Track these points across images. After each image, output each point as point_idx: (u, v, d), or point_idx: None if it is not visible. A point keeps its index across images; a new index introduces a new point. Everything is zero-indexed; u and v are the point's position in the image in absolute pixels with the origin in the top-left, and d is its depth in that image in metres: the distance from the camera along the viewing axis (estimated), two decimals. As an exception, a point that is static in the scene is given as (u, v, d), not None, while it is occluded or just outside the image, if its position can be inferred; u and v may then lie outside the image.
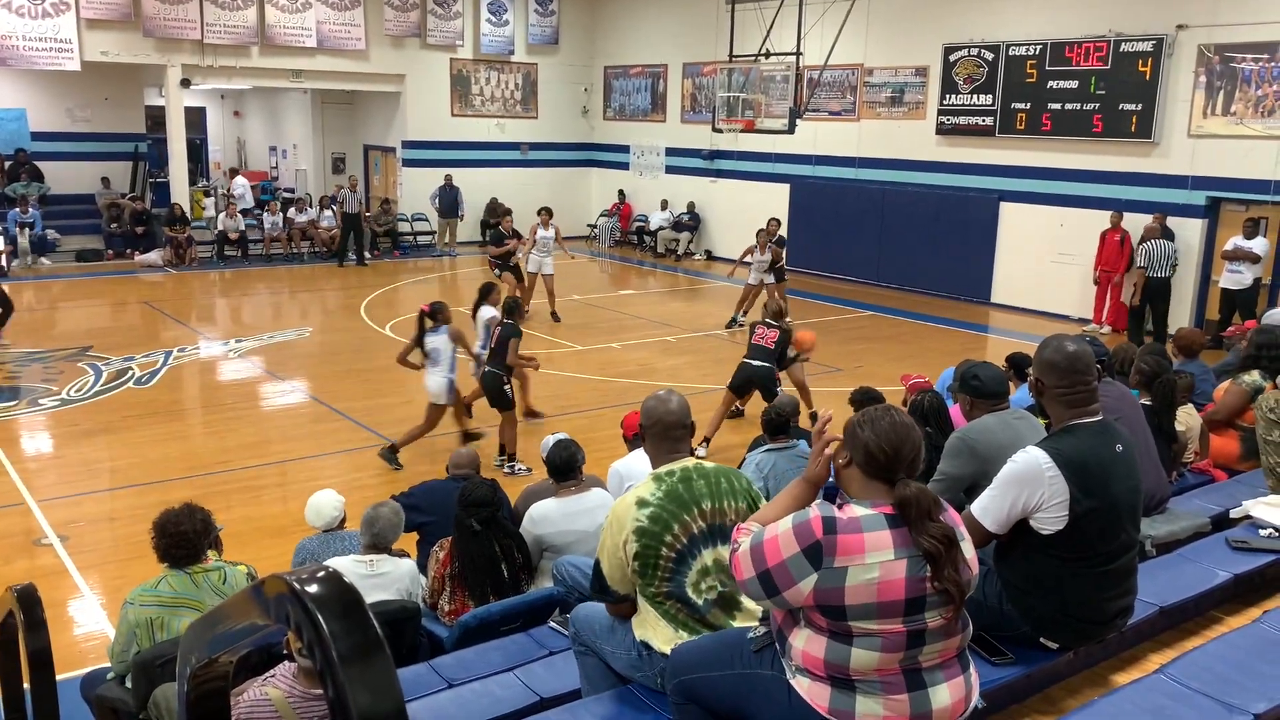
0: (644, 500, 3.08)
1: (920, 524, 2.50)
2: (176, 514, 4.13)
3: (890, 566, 2.47)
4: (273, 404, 10.92)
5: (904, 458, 2.57)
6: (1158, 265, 13.66)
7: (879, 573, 2.47)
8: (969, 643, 2.69)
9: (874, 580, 2.46)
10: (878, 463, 2.57)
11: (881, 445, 2.56)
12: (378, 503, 4.91)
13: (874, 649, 2.50)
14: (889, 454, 2.56)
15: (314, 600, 1.37)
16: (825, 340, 14.02)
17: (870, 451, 2.57)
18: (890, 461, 2.56)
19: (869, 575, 2.46)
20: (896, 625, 2.48)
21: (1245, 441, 5.97)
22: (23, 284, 17.09)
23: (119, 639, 4.11)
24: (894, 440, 2.56)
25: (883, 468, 2.57)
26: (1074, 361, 3.24)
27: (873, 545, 2.48)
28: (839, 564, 2.47)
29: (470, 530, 4.76)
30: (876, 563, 2.47)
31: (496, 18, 22.45)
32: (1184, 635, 3.76)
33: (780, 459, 5.54)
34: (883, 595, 2.46)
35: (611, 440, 7.93)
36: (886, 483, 2.58)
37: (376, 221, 21.42)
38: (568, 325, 14.51)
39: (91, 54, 18.30)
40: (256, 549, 6.59)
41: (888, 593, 2.46)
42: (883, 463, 2.57)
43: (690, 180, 22.12)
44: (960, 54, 16.67)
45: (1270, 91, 13.30)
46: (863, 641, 2.50)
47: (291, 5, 19.81)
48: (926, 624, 2.51)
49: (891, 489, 2.57)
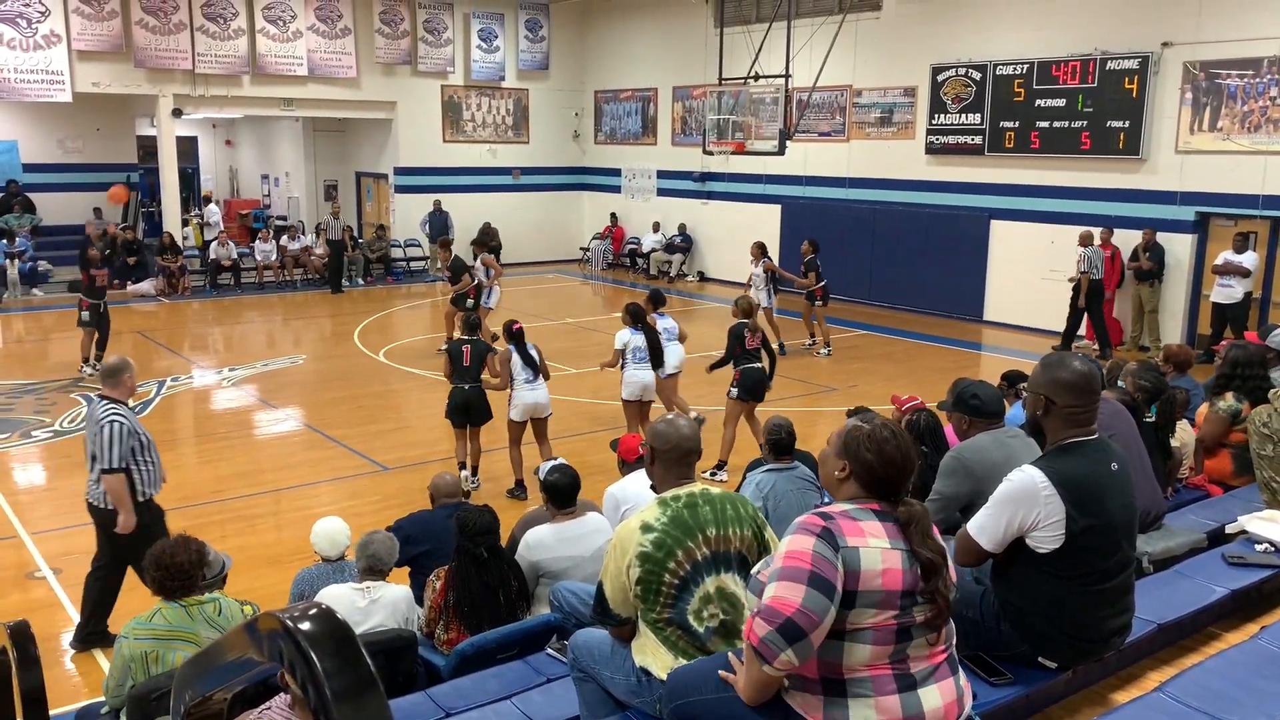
0: (648, 525, 3.05)
1: (921, 540, 2.58)
2: (171, 546, 4.11)
3: (889, 554, 2.55)
4: (266, 432, 10.89)
5: (905, 477, 2.66)
6: (1095, 268, 14.09)
7: (882, 559, 2.54)
8: (964, 659, 2.71)
9: (879, 567, 2.53)
10: (880, 481, 2.65)
11: (887, 468, 2.63)
12: (371, 530, 4.89)
13: (865, 643, 2.54)
14: (893, 476, 2.64)
15: (307, 638, 1.36)
16: (819, 360, 14.06)
17: (874, 469, 2.64)
18: (893, 482, 2.64)
19: (875, 559, 2.53)
20: (889, 618, 2.53)
21: (1237, 457, 5.97)
22: (13, 315, 17.07)
23: (114, 673, 4.08)
24: (898, 462, 2.64)
25: (873, 485, 2.65)
26: (1090, 382, 3.27)
27: (870, 531, 2.57)
28: (851, 543, 2.54)
29: (476, 558, 4.73)
30: (878, 548, 2.55)
31: (487, 44, 22.57)
32: (1182, 652, 3.76)
33: (781, 480, 5.49)
34: (887, 583, 2.52)
35: (605, 464, 7.92)
36: (884, 500, 2.65)
37: (370, 248, 21.47)
38: (561, 349, 14.48)
39: (83, 85, 18.36)
40: (251, 578, 6.56)
41: (890, 581, 2.53)
42: (884, 483, 2.65)
43: (682, 202, 22.20)
44: (948, 74, 16.79)
45: (1256, 107, 13.40)
46: (854, 636, 2.54)
47: (282, 35, 19.91)
48: (915, 618, 2.56)
49: (885, 502, 2.64)
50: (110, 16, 18.23)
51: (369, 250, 21.39)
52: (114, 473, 5.83)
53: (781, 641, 2.48)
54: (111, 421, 5.84)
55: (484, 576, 4.73)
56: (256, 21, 19.61)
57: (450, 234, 21.07)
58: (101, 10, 18.15)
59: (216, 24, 19.22)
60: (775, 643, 2.48)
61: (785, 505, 5.25)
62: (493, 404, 8.83)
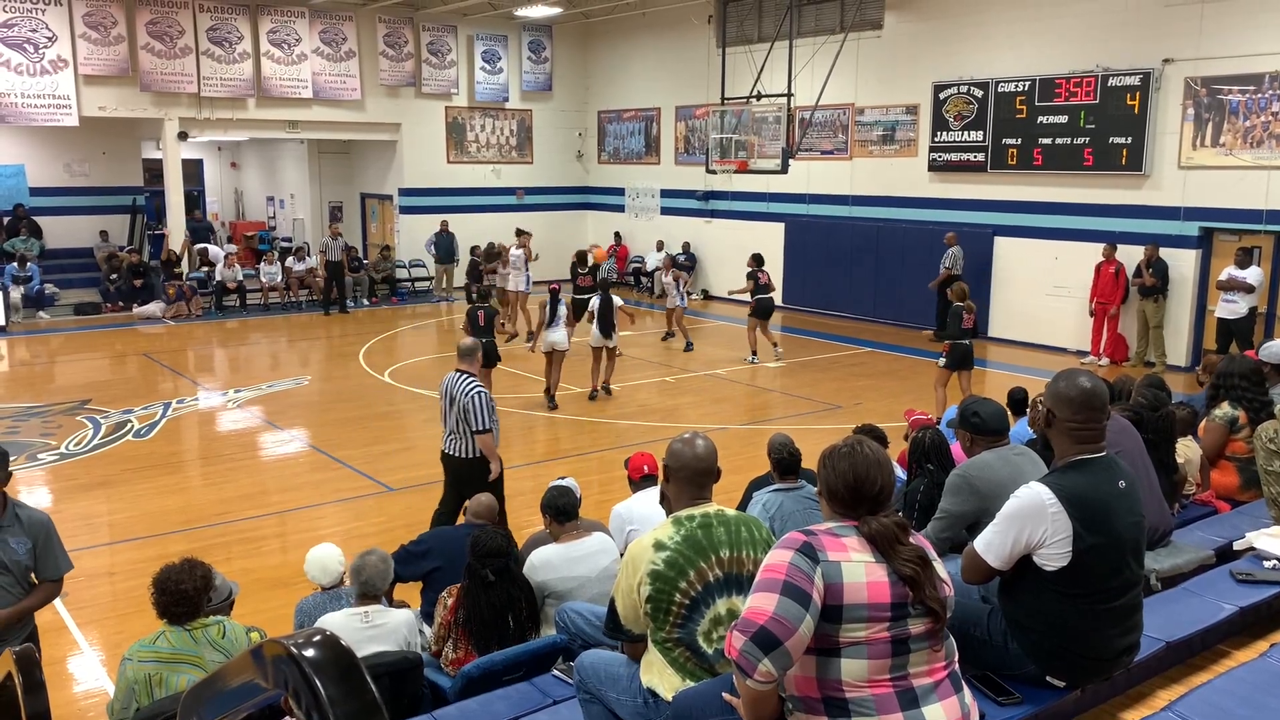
0: (661, 544, 3.04)
1: (892, 551, 2.57)
2: (177, 571, 4.10)
3: (873, 568, 2.56)
4: (271, 454, 10.89)
5: (865, 494, 2.65)
6: (958, 265, 15.95)
7: (865, 572, 2.54)
8: (971, 678, 2.69)
9: (863, 580, 2.53)
10: (842, 499, 2.67)
11: (842, 482, 2.66)
12: (363, 551, 4.81)
13: (861, 657, 2.54)
14: (848, 491, 2.66)
15: (311, 664, 1.36)
16: (824, 378, 14.06)
17: (832, 489, 2.67)
18: (853, 498, 2.66)
19: (859, 573, 2.54)
20: (882, 631, 2.53)
21: (1243, 472, 5.95)
22: (19, 338, 17.13)
23: (118, 696, 4.07)
24: (850, 479, 2.65)
25: (847, 504, 2.67)
26: (1090, 398, 3.25)
27: (852, 547, 2.58)
28: (832, 558, 2.54)
29: (484, 580, 4.71)
30: (861, 562, 2.55)
31: (491, 66, 22.70)
32: (1191, 670, 3.73)
33: (788, 500, 5.46)
34: (872, 596, 2.52)
35: (612, 482, 7.92)
36: (854, 519, 2.66)
37: (375, 268, 21.52)
38: (566, 367, 14.50)
39: (89, 109, 18.48)
40: (257, 601, 6.54)
41: (876, 594, 2.53)
42: (846, 499, 2.67)
43: (685, 221, 22.25)
44: (950, 91, 16.84)
45: (1259, 122, 13.42)
46: (849, 651, 2.54)
47: (287, 58, 20.04)
48: (910, 630, 2.55)
49: (859, 523, 2.64)
50: (117, 41, 18.37)
51: (374, 271, 21.44)
52: (484, 432, 7.13)
53: (758, 651, 2.47)
54: (478, 392, 7.12)
55: (491, 598, 4.71)
56: (261, 45, 19.75)
57: (457, 255, 21.18)
58: (108, 35, 18.29)
59: (222, 48, 19.36)
60: (752, 653, 2.48)
61: (791, 525, 5.23)
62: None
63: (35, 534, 4.52)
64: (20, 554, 4.47)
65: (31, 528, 4.52)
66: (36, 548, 4.52)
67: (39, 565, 4.56)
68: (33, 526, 4.52)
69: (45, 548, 4.56)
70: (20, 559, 4.48)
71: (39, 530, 4.54)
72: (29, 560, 4.51)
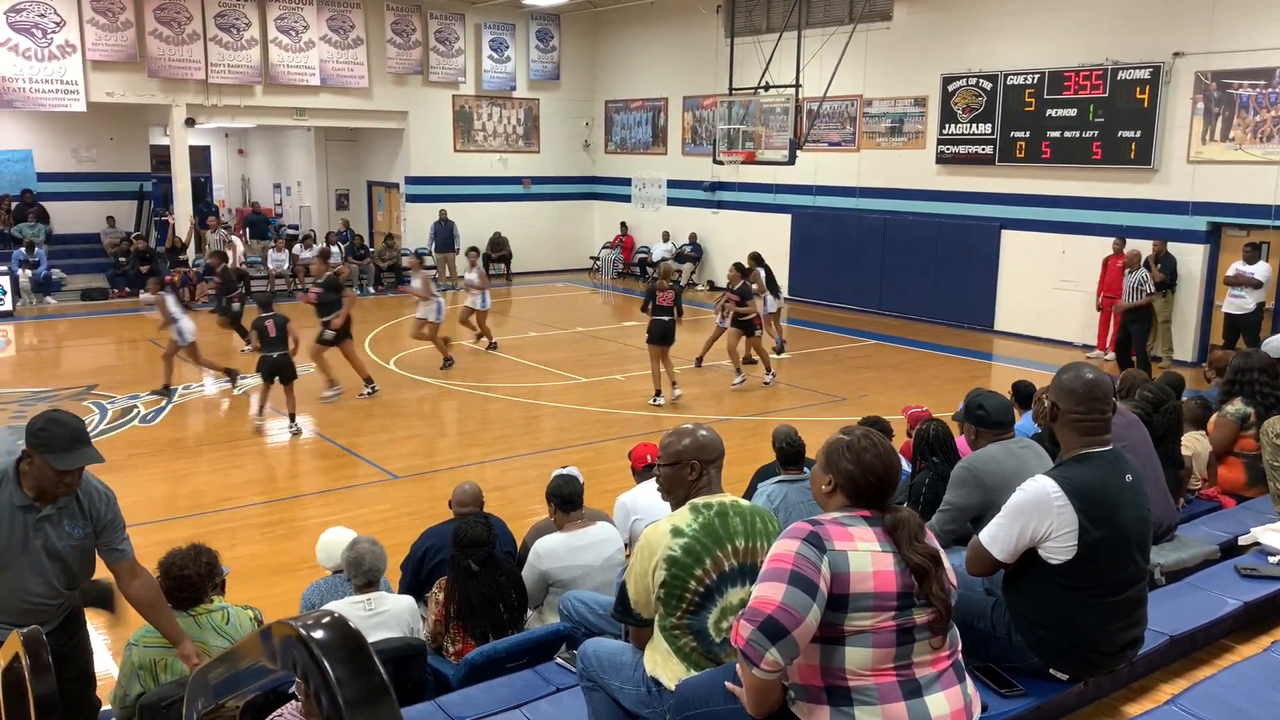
0: (679, 530, 3.03)
1: (910, 544, 2.60)
2: (182, 556, 4.11)
3: (880, 557, 2.57)
4: (278, 440, 10.91)
5: (890, 485, 2.69)
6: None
7: (872, 561, 2.55)
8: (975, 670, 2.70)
9: (870, 570, 2.54)
10: (864, 491, 2.67)
11: (868, 476, 2.66)
12: (353, 541, 4.70)
13: (866, 646, 2.55)
14: (874, 483, 2.67)
15: (320, 646, 1.37)
16: (829, 370, 14.04)
17: (855, 481, 2.67)
18: (877, 490, 2.67)
19: (865, 562, 2.55)
20: (887, 620, 2.54)
21: (1250, 468, 5.95)
22: (27, 323, 17.16)
23: (122, 681, 4.08)
24: (879, 470, 2.67)
25: (866, 495, 2.68)
26: (1093, 389, 3.25)
27: (859, 536, 2.59)
28: (839, 547, 2.56)
29: (468, 571, 4.71)
30: (868, 551, 2.57)
31: (498, 54, 22.66)
32: (1195, 665, 3.74)
33: (792, 491, 5.47)
34: (879, 585, 2.54)
35: (616, 472, 7.92)
36: (871, 508, 2.67)
37: (380, 257, 21.53)
38: (571, 357, 14.53)
39: (97, 95, 18.48)
40: (263, 587, 6.56)
41: (883, 583, 2.54)
42: (868, 491, 2.67)
43: (692, 212, 22.22)
44: (958, 84, 16.78)
45: (1268, 117, 13.36)
46: (854, 640, 2.55)
47: (295, 45, 20.02)
48: (915, 620, 2.57)
49: (873, 512, 2.66)
50: (124, 27, 18.37)
51: (379, 259, 21.44)
52: None
53: (765, 640, 2.49)
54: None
55: (479, 587, 4.69)
56: (269, 32, 19.73)
57: (457, 244, 21.11)
58: (116, 21, 18.28)
59: (229, 34, 19.34)
60: (759, 642, 2.50)
61: (796, 516, 5.21)
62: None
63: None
64: (78, 537, 3.93)
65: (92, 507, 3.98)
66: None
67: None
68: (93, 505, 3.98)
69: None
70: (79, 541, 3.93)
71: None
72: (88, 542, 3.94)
